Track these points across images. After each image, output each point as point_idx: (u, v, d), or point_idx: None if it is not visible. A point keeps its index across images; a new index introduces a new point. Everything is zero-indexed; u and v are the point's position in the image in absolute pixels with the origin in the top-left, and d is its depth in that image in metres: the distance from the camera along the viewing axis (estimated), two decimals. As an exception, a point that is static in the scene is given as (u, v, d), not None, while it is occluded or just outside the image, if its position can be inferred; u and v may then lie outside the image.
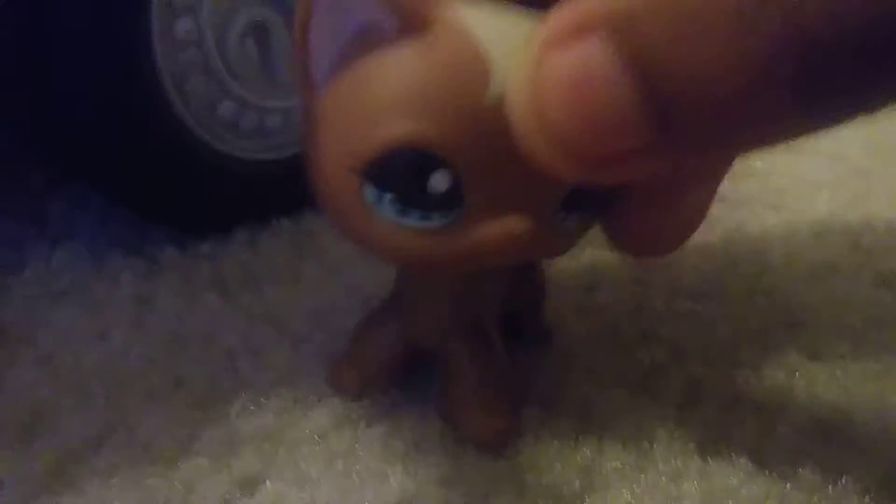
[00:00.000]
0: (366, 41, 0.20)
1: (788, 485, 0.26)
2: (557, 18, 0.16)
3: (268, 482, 0.26)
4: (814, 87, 0.15)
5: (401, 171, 0.20)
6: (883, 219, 0.39)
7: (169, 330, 0.32)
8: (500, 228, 0.20)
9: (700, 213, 0.23)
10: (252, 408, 0.29)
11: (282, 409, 0.29)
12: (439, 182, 0.20)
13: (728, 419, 0.28)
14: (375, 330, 0.29)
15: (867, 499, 0.25)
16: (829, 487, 0.26)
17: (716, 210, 0.39)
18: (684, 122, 0.16)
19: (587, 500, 0.25)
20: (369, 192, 0.20)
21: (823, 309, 0.33)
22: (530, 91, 0.17)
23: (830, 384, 0.29)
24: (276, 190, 0.38)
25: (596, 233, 0.23)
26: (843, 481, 0.26)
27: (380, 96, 0.20)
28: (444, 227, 0.20)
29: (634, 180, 0.20)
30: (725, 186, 0.40)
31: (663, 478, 0.26)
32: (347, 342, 0.30)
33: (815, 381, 0.30)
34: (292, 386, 0.30)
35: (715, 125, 0.16)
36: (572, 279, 0.35)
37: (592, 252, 0.36)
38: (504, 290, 0.29)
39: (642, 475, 0.26)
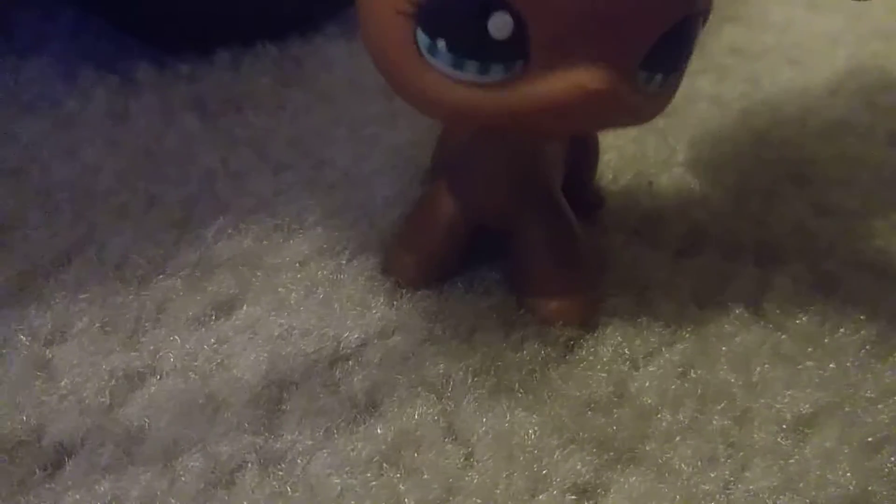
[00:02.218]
0: None
1: (783, 334, 0.25)
2: None
3: (245, 306, 0.25)
4: None
5: (455, 13, 0.17)
6: (902, 79, 0.37)
7: (144, 148, 0.30)
8: (569, 82, 0.17)
9: None
10: (230, 231, 0.27)
11: (261, 234, 0.27)
12: (500, 26, 0.17)
13: (727, 268, 0.27)
14: (434, 211, 0.25)
15: (863, 352, 0.25)
16: (826, 338, 0.25)
17: (731, 61, 0.37)
18: None
19: (577, 340, 0.25)
20: (422, 39, 0.18)
21: (834, 166, 0.32)
22: None
23: (836, 239, 0.28)
24: (262, 11, 0.35)
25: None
26: (841, 332, 0.25)
27: None
28: (505, 80, 0.18)
29: None
30: (742, 38, 0.39)
31: (658, 321, 0.25)
32: (402, 225, 0.27)
33: (820, 234, 0.28)
34: (273, 212, 0.28)
35: None
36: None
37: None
38: (564, 154, 0.26)
39: (636, 318, 0.25)
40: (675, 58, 0.19)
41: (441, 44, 0.18)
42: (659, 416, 0.23)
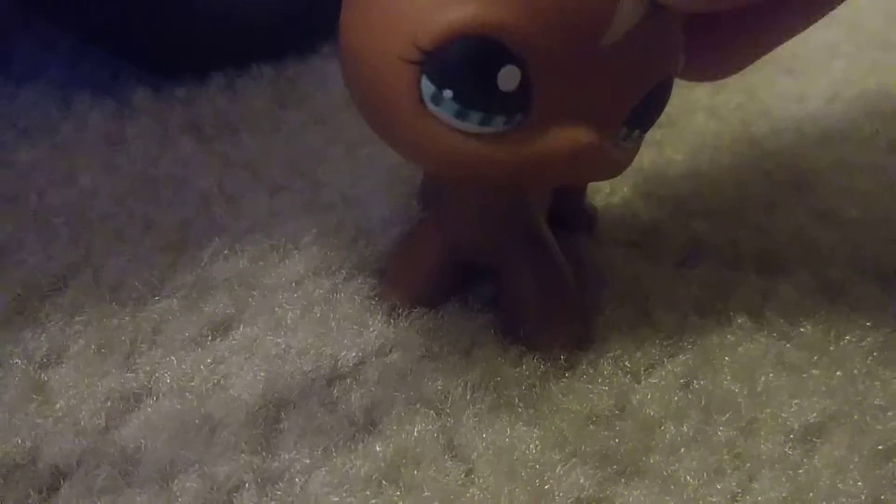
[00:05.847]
0: None
1: (788, 343, 0.25)
2: None
3: (241, 326, 0.25)
4: None
5: (466, 64, 0.17)
6: (901, 87, 0.37)
7: (140, 172, 0.30)
8: (565, 139, 0.18)
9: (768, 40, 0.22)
10: (226, 252, 0.27)
11: (257, 255, 0.27)
12: (508, 79, 0.17)
13: (728, 278, 0.27)
14: (417, 249, 0.25)
15: (869, 360, 0.24)
16: (831, 346, 0.25)
17: (726, 72, 0.37)
18: None
19: (577, 353, 0.24)
20: (426, 87, 0.17)
21: (833, 173, 0.31)
22: None
23: (837, 246, 0.28)
24: (257, 33, 0.35)
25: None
26: (846, 340, 0.25)
27: None
28: (504, 132, 0.18)
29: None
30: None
31: (659, 333, 0.25)
32: (388, 263, 0.26)
33: (820, 242, 0.28)
34: (268, 233, 0.28)
35: None
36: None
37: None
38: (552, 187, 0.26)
39: (637, 330, 0.25)
40: (653, 115, 0.20)
41: (446, 93, 0.17)
42: (662, 428, 0.22)
